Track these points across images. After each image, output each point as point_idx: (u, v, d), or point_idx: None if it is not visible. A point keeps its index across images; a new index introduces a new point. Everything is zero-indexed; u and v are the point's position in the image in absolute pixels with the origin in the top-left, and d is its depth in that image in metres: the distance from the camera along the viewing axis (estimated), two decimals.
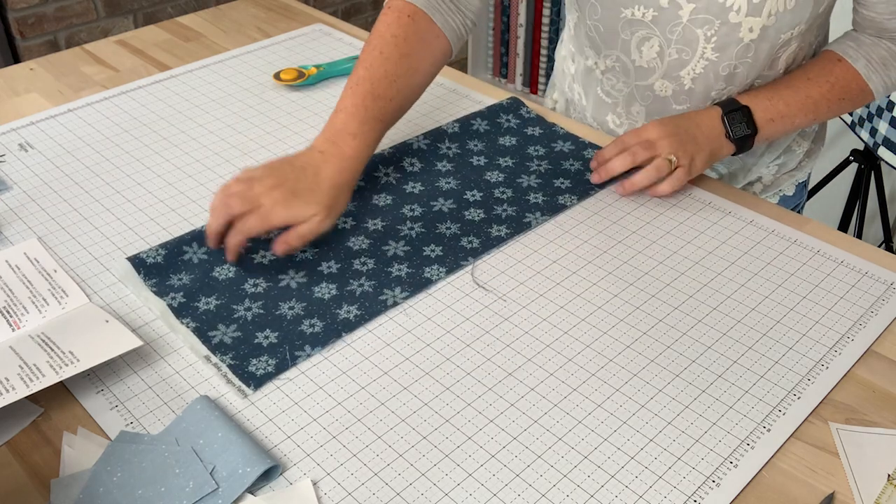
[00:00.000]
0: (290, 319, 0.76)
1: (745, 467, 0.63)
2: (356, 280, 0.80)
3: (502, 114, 1.07)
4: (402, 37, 0.89)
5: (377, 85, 0.86)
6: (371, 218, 0.89)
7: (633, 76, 0.98)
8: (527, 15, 2.79)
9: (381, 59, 0.88)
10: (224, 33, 1.33)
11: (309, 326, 0.75)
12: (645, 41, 0.93)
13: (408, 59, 0.89)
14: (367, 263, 0.83)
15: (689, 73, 0.94)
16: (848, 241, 0.87)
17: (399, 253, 0.84)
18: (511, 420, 0.67)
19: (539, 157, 1.00)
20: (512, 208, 0.91)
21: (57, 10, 2.03)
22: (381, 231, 0.87)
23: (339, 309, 0.77)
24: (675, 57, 0.93)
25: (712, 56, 0.91)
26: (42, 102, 1.13)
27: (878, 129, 1.67)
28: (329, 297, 0.78)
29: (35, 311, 0.77)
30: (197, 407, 0.66)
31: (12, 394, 0.66)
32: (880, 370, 0.72)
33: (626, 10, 0.92)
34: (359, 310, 0.77)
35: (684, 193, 0.94)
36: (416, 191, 0.93)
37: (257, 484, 0.62)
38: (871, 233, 2.11)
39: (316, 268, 0.82)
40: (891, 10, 0.90)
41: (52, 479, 0.62)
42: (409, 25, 0.90)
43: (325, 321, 0.76)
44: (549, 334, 0.75)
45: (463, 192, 0.93)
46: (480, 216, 0.90)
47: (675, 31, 0.91)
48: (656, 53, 0.94)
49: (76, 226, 0.90)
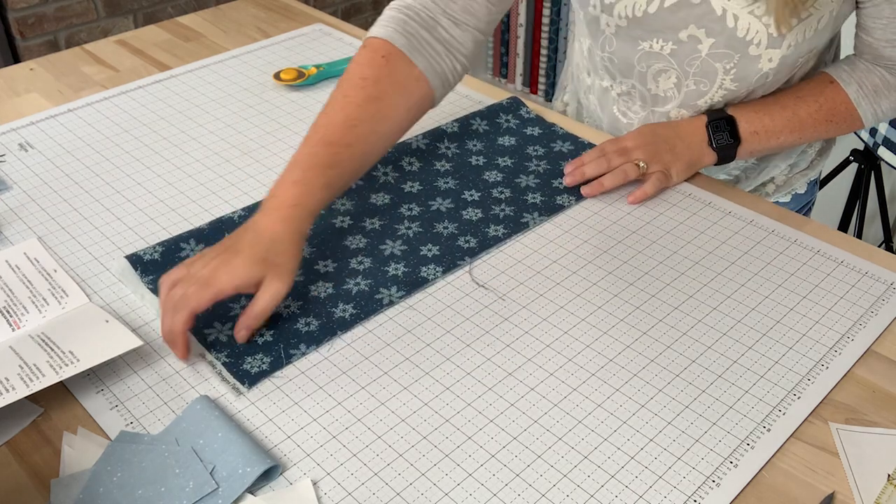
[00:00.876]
0: (285, 318, 0.76)
1: (745, 467, 0.63)
2: (352, 279, 0.80)
3: (502, 114, 1.07)
4: (371, 79, 0.83)
5: (333, 130, 0.80)
6: (369, 217, 0.89)
7: (650, 103, 0.98)
8: (527, 15, 2.79)
9: (344, 103, 0.82)
10: (224, 33, 1.33)
11: (304, 325, 0.75)
12: (662, 73, 0.93)
13: (375, 104, 0.82)
14: (364, 262, 0.83)
15: (706, 101, 0.94)
16: (848, 241, 0.87)
17: (396, 252, 0.84)
18: (511, 420, 0.67)
19: (538, 156, 1.00)
20: (510, 208, 0.91)
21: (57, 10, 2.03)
22: (378, 230, 0.87)
23: (334, 308, 0.77)
24: (693, 88, 0.93)
25: (731, 86, 0.91)
26: (42, 102, 1.13)
27: (878, 129, 1.67)
28: (325, 295, 0.78)
29: (35, 311, 0.77)
30: (197, 407, 0.66)
31: (12, 394, 0.66)
32: (880, 370, 0.72)
33: (643, 44, 0.91)
34: (354, 308, 0.77)
35: (684, 193, 0.94)
36: (414, 190, 0.93)
37: (257, 484, 0.62)
38: (871, 233, 2.11)
39: (312, 266, 0.82)
40: (888, 38, 0.88)
41: (52, 479, 0.62)
42: (382, 67, 0.83)
43: (321, 320, 0.76)
44: (549, 334, 0.75)
45: (461, 191, 0.93)
46: (478, 216, 0.90)
47: (693, 65, 0.90)
48: (673, 84, 0.93)
49: (76, 226, 0.90)
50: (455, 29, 0.88)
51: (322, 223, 0.88)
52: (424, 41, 0.86)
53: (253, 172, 0.98)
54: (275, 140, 1.04)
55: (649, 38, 0.90)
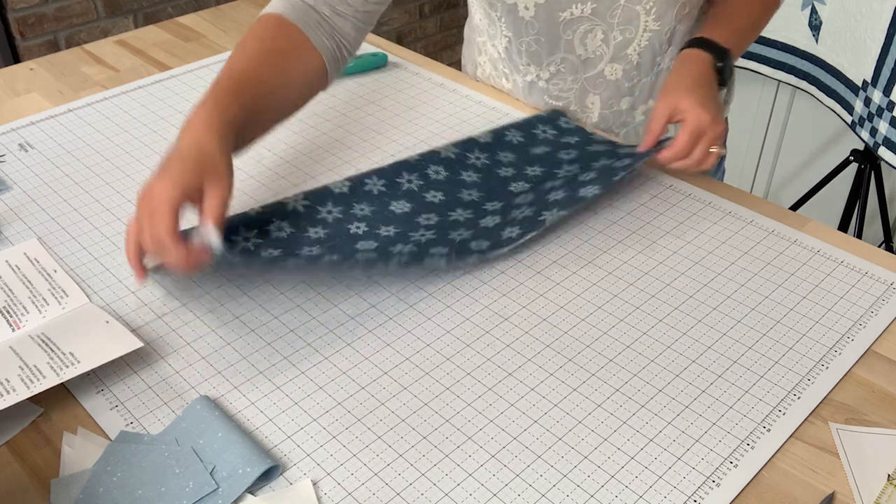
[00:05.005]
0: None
1: (745, 467, 0.63)
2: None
3: (539, 125, 1.02)
4: (270, 38, 0.85)
5: (237, 68, 0.81)
6: (384, 224, 0.87)
7: (582, 70, 1.00)
8: None
9: (243, 56, 0.83)
10: (224, 33, 1.33)
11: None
12: (588, 33, 0.96)
13: (277, 56, 0.84)
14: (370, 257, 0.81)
15: (634, 49, 0.96)
16: (848, 241, 0.87)
17: (403, 252, 0.82)
18: (511, 420, 0.67)
19: (570, 160, 0.96)
20: (530, 209, 0.88)
21: (57, 10, 2.03)
22: (391, 237, 0.85)
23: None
24: (620, 39, 0.95)
25: (654, 26, 0.94)
26: (42, 102, 1.13)
27: (878, 129, 1.67)
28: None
29: (35, 311, 0.77)
30: (197, 407, 0.66)
31: (13, 395, 0.66)
32: (880, 370, 0.72)
33: (563, 13, 0.94)
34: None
35: (684, 193, 0.94)
36: (436, 200, 0.91)
37: (257, 484, 0.62)
38: (871, 233, 2.11)
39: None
40: None
41: (52, 479, 0.62)
42: (279, 32, 0.85)
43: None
44: (549, 334, 0.75)
45: (483, 203, 0.91)
46: (496, 221, 0.87)
47: (615, 15, 0.93)
48: (601, 41, 0.96)
49: (76, 226, 0.90)
50: (336, 17, 0.90)
51: (336, 226, 0.86)
52: (314, 21, 0.88)
53: (252, 172, 0.98)
54: (275, 140, 1.04)
55: (569, 6, 0.93)
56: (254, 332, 0.76)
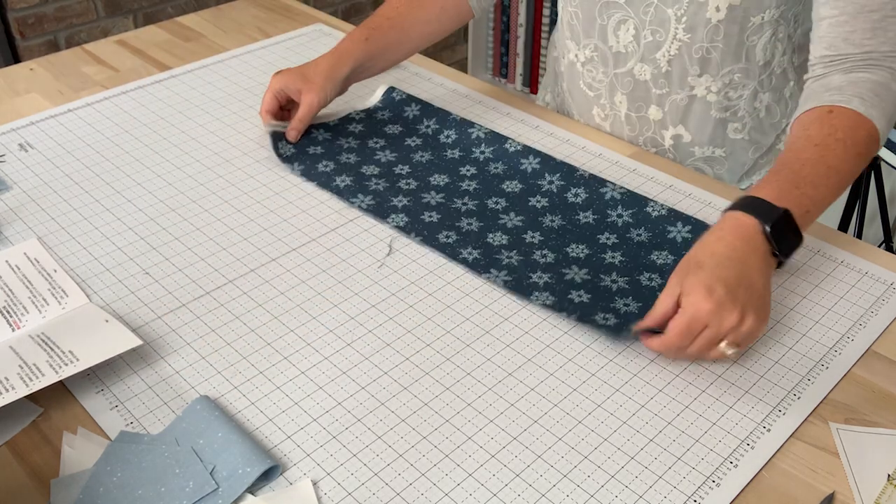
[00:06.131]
0: None
1: (745, 467, 0.63)
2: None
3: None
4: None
5: (375, 14, 1.09)
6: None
7: (612, 64, 1.00)
8: (527, 15, 2.79)
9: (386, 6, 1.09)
10: (224, 33, 1.33)
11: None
12: (621, 24, 0.96)
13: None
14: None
15: (664, 54, 0.95)
16: (848, 241, 0.87)
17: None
18: (511, 420, 0.67)
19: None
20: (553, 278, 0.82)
21: (57, 10, 2.03)
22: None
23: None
24: (650, 39, 0.95)
25: (684, 37, 0.93)
26: (42, 102, 1.13)
27: None
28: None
29: (35, 311, 0.77)
30: (197, 407, 0.66)
31: (12, 393, 0.66)
32: (880, 370, 0.72)
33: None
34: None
35: (684, 194, 0.94)
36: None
37: (257, 484, 0.62)
38: (871, 233, 2.11)
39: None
40: (840, 28, 0.79)
41: (52, 479, 0.62)
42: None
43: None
44: (549, 334, 0.75)
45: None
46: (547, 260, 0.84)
47: (648, 12, 0.93)
48: (632, 37, 0.96)
49: (76, 226, 0.90)
50: None
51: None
52: None
53: (253, 172, 0.98)
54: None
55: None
56: (254, 332, 0.76)
